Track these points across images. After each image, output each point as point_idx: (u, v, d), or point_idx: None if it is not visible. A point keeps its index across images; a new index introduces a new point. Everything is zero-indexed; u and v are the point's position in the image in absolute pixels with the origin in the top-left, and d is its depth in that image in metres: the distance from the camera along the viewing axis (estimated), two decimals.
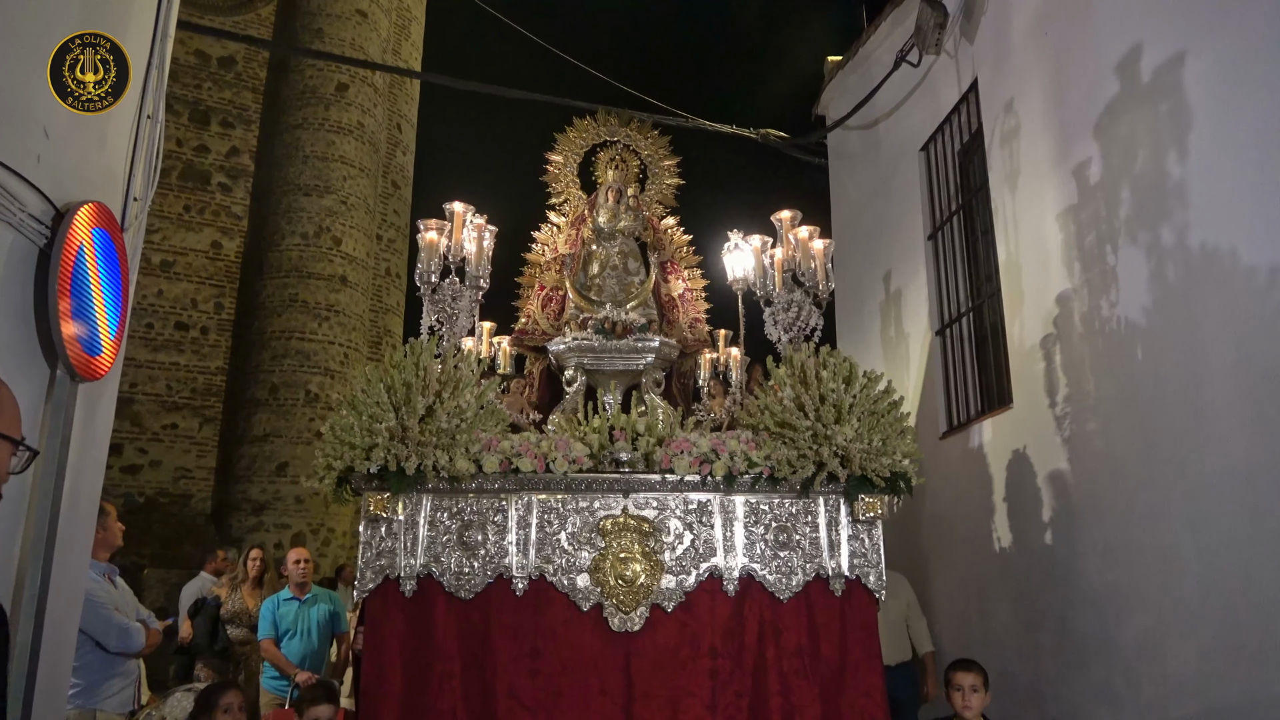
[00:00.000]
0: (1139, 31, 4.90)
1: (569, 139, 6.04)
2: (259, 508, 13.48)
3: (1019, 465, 5.94)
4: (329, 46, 14.93)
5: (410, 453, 4.05)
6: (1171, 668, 4.51)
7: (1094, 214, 5.25)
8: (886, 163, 8.39)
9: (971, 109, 6.88)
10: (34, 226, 3.05)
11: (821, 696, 4.32)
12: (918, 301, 7.63)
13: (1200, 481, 4.34)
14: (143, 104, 3.87)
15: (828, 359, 4.54)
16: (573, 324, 5.60)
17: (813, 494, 4.41)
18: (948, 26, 6.89)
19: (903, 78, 7.73)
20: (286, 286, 14.28)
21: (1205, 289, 4.35)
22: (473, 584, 4.23)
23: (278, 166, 14.79)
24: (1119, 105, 5.05)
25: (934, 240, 7.52)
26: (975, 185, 6.95)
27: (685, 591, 4.32)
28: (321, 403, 13.89)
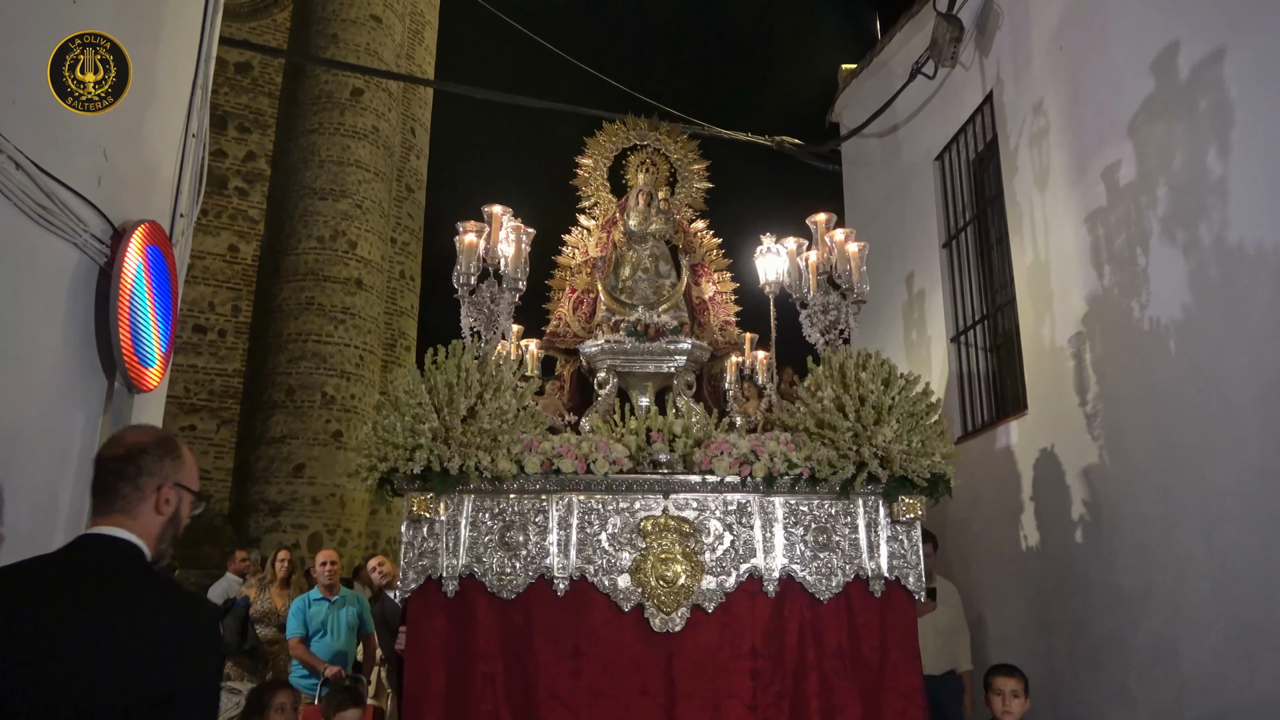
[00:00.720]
0: (1154, 42, 4.93)
1: (598, 142, 6.02)
2: (276, 509, 13.47)
3: (1034, 470, 5.99)
4: (344, 52, 14.95)
5: (453, 453, 4.03)
6: (1185, 670, 4.56)
7: (1110, 223, 5.29)
8: (901, 171, 8.44)
9: (986, 120, 6.97)
10: (95, 246, 3.17)
11: (862, 697, 4.29)
12: (932, 309, 7.70)
13: (1214, 487, 4.40)
14: (188, 123, 4.01)
15: (866, 360, 4.51)
16: (604, 326, 5.57)
17: (852, 495, 4.38)
18: (963, 40, 6.95)
19: (917, 88, 7.82)
20: (303, 290, 14.29)
21: (1217, 298, 4.42)
22: (514, 584, 4.20)
23: (293, 171, 14.81)
24: (1136, 117, 5.09)
25: (948, 248, 7.60)
26: (990, 195, 7.02)
27: (726, 592, 4.29)
28: (338, 405, 13.90)
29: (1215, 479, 4.40)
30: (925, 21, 7.39)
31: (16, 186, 2.74)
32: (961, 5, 6.98)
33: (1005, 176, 6.58)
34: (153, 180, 3.80)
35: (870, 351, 4.60)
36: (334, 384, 14.06)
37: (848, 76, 9.69)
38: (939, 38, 6.99)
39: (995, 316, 6.98)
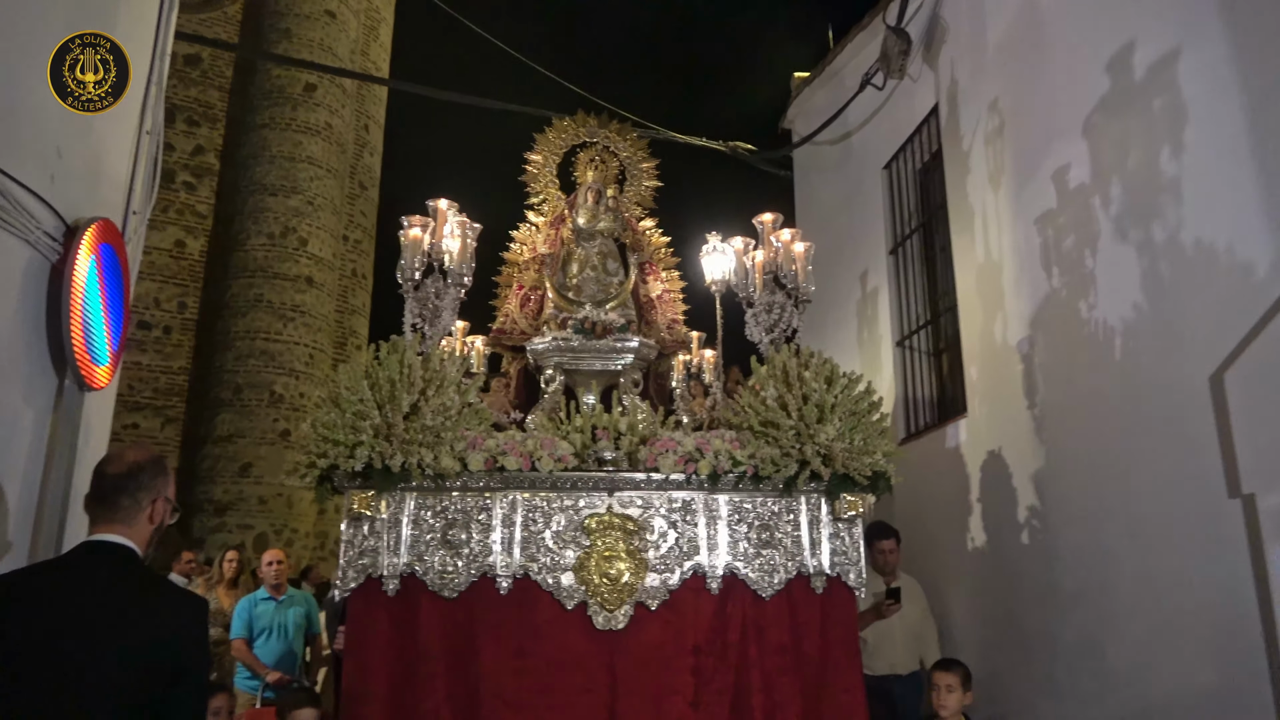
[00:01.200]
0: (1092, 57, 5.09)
1: (548, 139, 5.97)
2: (222, 509, 13.26)
3: (973, 471, 6.17)
4: (297, 46, 14.75)
5: (395, 450, 3.97)
6: (1109, 661, 4.79)
7: (1048, 234, 5.48)
8: (851, 179, 8.57)
9: (933, 131, 7.13)
10: (48, 243, 3.18)
11: (803, 693, 4.30)
12: (879, 314, 7.85)
13: (1136, 489, 4.64)
14: (142, 119, 3.99)
15: (809, 359, 4.53)
16: (552, 323, 5.54)
17: (795, 492, 4.39)
18: (911, 53, 7.10)
19: (867, 97, 7.95)
20: (252, 286, 14.09)
21: (1144, 312, 4.64)
22: (457, 583, 4.16)
23: (244, 166, 14.59)
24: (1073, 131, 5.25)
25: (895, 255, 7.76)
26: (935, 204, 7.17)
27: (669, 590, 4.28)
28: (286, 404, 13.71)
29: (1137, 481, 4.63)
30: (876, 33, 7.52)
31: None
32: (910, 19, 7.10)
33: (950, 186, 6.74)
34: (106, 177, 3.76)
35: (813, 350, 4.62)
36: (283, 382, 13.87)
37: (800, 85, 9.78)
38: (888, 50, 7.13)
39: (939, 321, 7.12)
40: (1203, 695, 4.16)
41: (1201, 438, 4.17)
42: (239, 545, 12.53)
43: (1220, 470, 4.08)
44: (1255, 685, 3.85)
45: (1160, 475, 4.47)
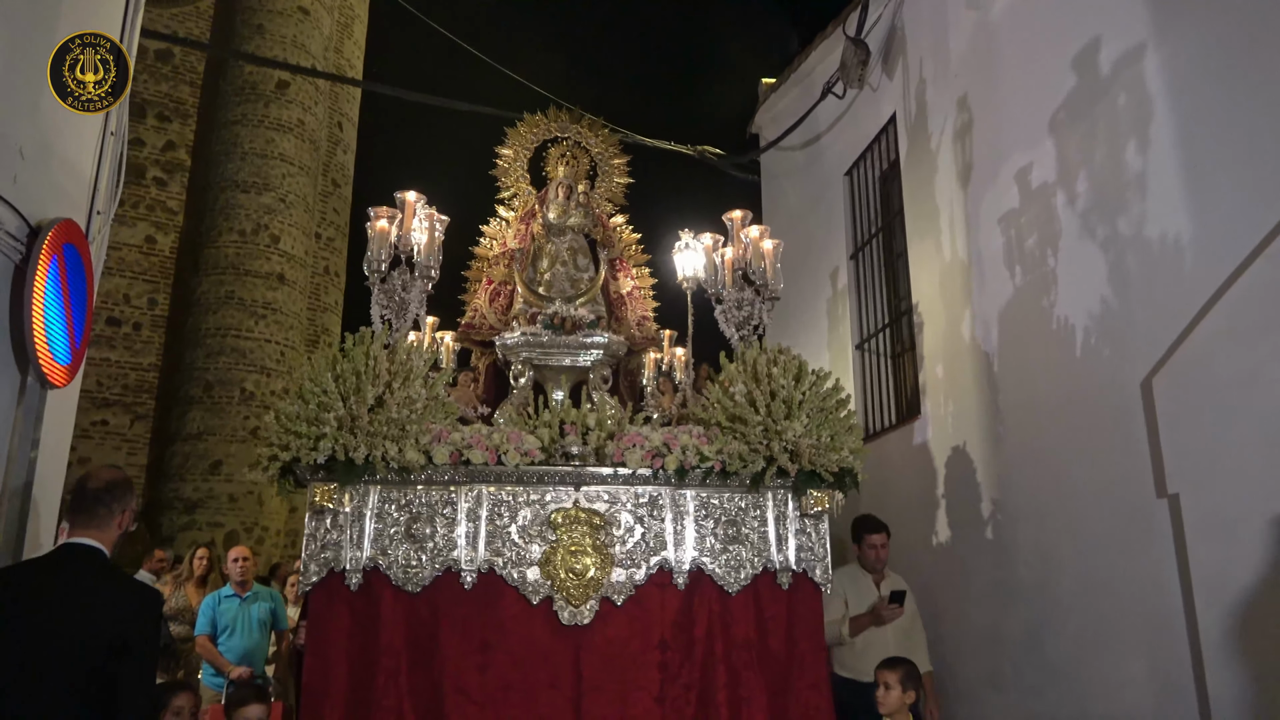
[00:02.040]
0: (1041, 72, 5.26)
1: (519, 133, 5.91)
2: (192, 506, 13.06)
3: (926, 472, 6.30)
4: (270, 43, 14.57)
5: (359, 443, 3.91)
6: (1049, 655, 4.96)
7: (997, 244, 5.63)
8: (815, 184, 8.66)
9: (891, 139, 7.25)
10: (11, 244, 3.22)
11: (769, 688, 4.28)
12: (840, 317, 7.95)
13: (1077, 488, 4.79)
14: (106, 120, 4.01)
15: (778, 356, 4.50)
16: (521, 319, 5.49)
17: (762, 488, 4.36)
18: (870, 63, 7.20)
19: (830, 104, 8.04)
20: (223, 283, 13.88)
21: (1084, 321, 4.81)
22: (420, 577, 4.10)
23: (215, 162, 14.38)
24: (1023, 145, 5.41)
25: (855, 260, 7.87)
26: (894, 210, 7.27)
27: (635, 585, 4.24)
28: (257, 401, 13.53)
29: (1078, 481, 4.78)
30: (839, 42, 7.58)
31: None
32: (869, 30, 7.24)
33: (907, 193, 6.87)
34: (70, 177, 3.78)
35: (782, 347, 4.59)
36: (254, 380, 13.67)
37: (767, 90, 9.86)
38: (847, 61, 7.23)
39: (898, 325, 7.24)
40: (1134, 685, 4.35)
41: (1135, 440, 4.35)
42: (209, 543, 12.37)
43: (1150, 471, 4.26)
44: (1180, 677, 4.04)
45: (1098, 475, 4.62)
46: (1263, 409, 3.67)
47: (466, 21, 12.97)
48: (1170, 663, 4.12)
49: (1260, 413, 3.68)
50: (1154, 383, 4.27)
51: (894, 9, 7.12)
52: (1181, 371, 4.11)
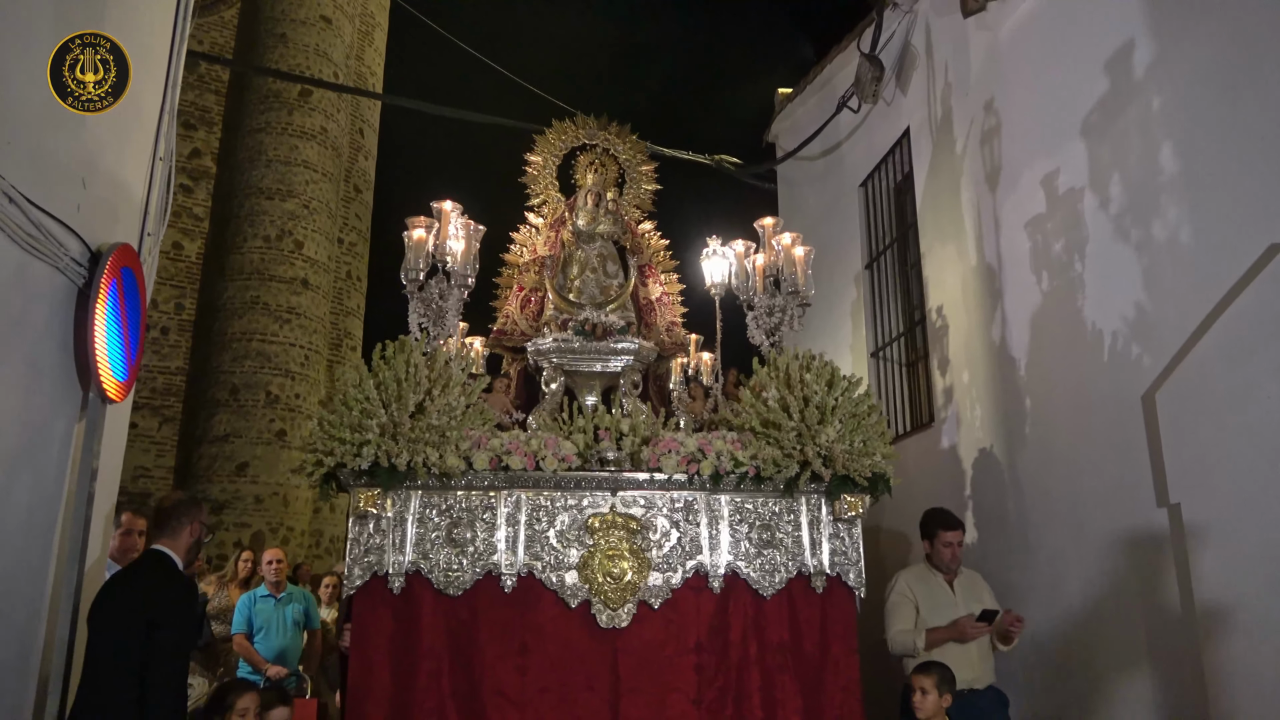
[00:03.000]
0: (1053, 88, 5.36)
1: (548, 140, 5.92)
2: (219, 507, 13.12)
3: (939, 477, 6.38)
4: (292, 52, 14.65)
5: (401, 449, 3.94)
6: (1057, 656, 5.06)
7: (1010, 259, 5.74)
8: (830, 195, 8.71)
9: (905, 152, 7.33)
10: (75, 269, 3.40)
11: (803, 691, 4.29)
12: (856, 325, 8.03)
13: (1082, 496, 4.93)
14: (156, 147, 4.22)
15: (810, 362, 4.51)
16: (552, 325, 5.49)
17: (796, 493, 4.37)
18: (884, 79, 7.27)
19: (846, 116, 8.12)
20: (248, 288, 13.96)
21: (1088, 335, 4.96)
22: (461, 581, 4.12)
23: (240, 169, 14.46)
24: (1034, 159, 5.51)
25: (870, 270, 7.95)
26: (909, 221, 7.34)
27: (672, 589, 4.26)
28: (282, 404, 13.61)
29: (1084, 488, 4.92)
30: (854, 55, 7.66)
31: (10, 220, 2.97)
32: (883, 47, 7.30)
33: (920, 206, 6.96)
34: (124, 201, 3.95)
35: (814, 353, 4.60)
36: (278, 383, 13.75)
37: (783, 100, 9.86)
38: (862, 76, 7.32)
39: (912, 334, 7.33)
40: (1138, 686, 4.46)
41: (1137, 450, 4.51)
42: (234, 543, 12.47)
43: (1150, 481, 4.43)
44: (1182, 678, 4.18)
45: (1103, 484, 4.77)
46: (1256, 423, 3.82)
47: (485, 32, 13.01)
48: (1172, 664, 4.24)
49: (1254, 426, 3.83)
50: (1156, 397, 4.43)
51: (907, 26, 7.23)
52: (1182, 386, 4.28)
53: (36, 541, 3.41)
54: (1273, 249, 3.81)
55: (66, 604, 3.48)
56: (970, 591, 4.82)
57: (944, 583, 4.81)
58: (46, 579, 3.47)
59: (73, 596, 3.51)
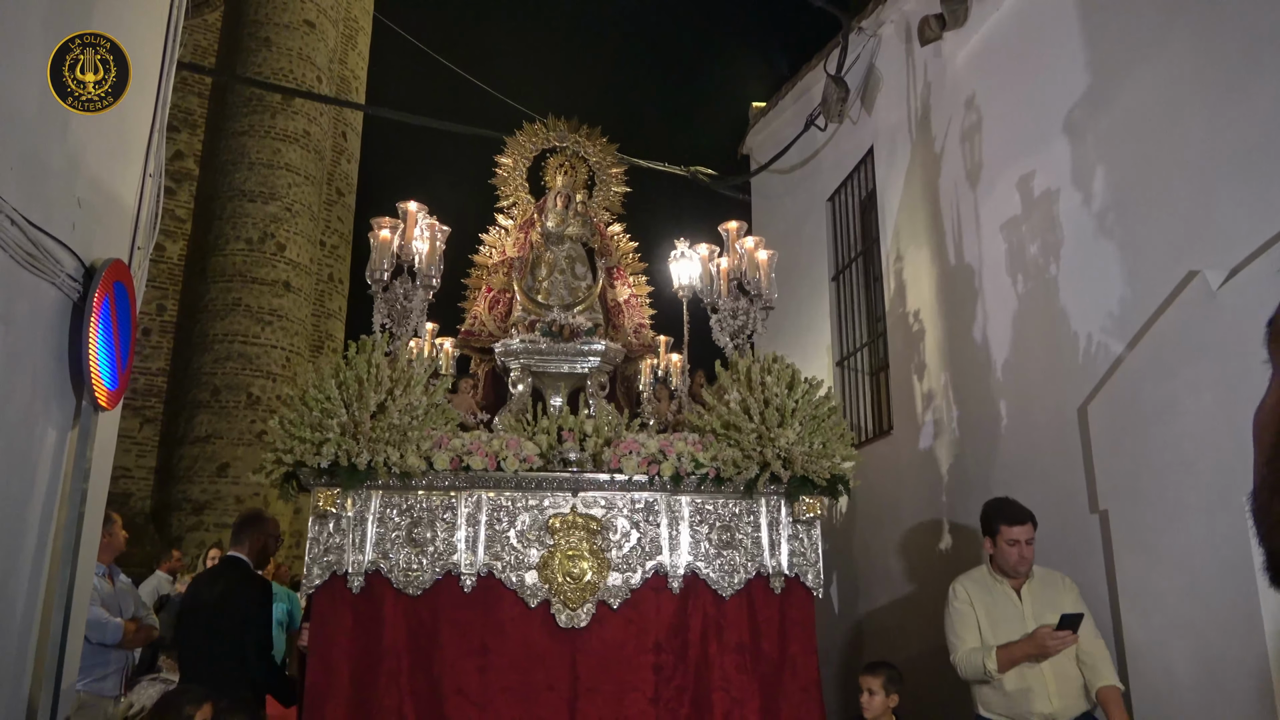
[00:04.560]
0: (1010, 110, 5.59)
1: (518, 142, 5.87)
2: (199, 507, 13.05)
3: (897, 483, 6.55)
4: (276, 55, 14.59)
5: (362, 448, 3.89)
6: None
7: (964, 270, 5.94)
8: (800, 208, 8.85)
9: (869, 170, 7.52)
10: (70, 284, 3.52)
11: (761, 691, 4.25)
12: (822, 335, 8.18)
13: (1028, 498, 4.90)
14: (146, 163, 4.31)
15: (771, 364, 4.48)
16: (520, 326, 5.45)
17: (756, 495, 4.34)
18: (849, 99, 7.46)
19: (814, 133, 8.28)
20: (230, 290, 13.90)
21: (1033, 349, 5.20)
22: (421, 580, 4.07)
23: (222, 172, 14.39)
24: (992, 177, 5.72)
25: (836, 282, 8.14)
26: (872, 236, 7.52)
27: (631, 589, 4.22)
28: (263, 405, 13.54)
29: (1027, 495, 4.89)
30: (823, 74, 7.82)
31: (11, 239, 3.08)
32: (849, 69, 7.46)
33: (881, 224, 7.18)
34: (115, 217, 4.07)
35: (776, 356, 4.58)
36: (260, 385, 13.69)
37: (757, 114, 9.97)
38: (828, 96, 7.51)
39: (875, 344, 7.48)
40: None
41: (1073, 460, 4.72)
42: (215, 543, 12.36)
43: (1084, 489, 4.63)
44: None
45: (1045, 490, 4.85)
46: (1176, 436, 3.99)
47: (464, 43, 12.96)
48: None
49: (1174, 439, 4.00)
50: (1089, 409, 4.61)
51: (871, 50, 7.42)
52: (1112, 399, 4.46)
53: (32, 541, 3.47)
54: (1190, 275, 4.02)
55: (60, 600, 3.52)
56: (1043, 598, 3.96)
57: (1009, 590, 4.01)
58: (41, 577, 3.53)
59: (66, 594, 3.55)
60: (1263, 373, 1.01)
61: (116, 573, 5.23)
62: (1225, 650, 3.52)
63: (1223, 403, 3.75)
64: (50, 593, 3.54)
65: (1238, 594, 3.64)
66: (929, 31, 6.24)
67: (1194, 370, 3.93)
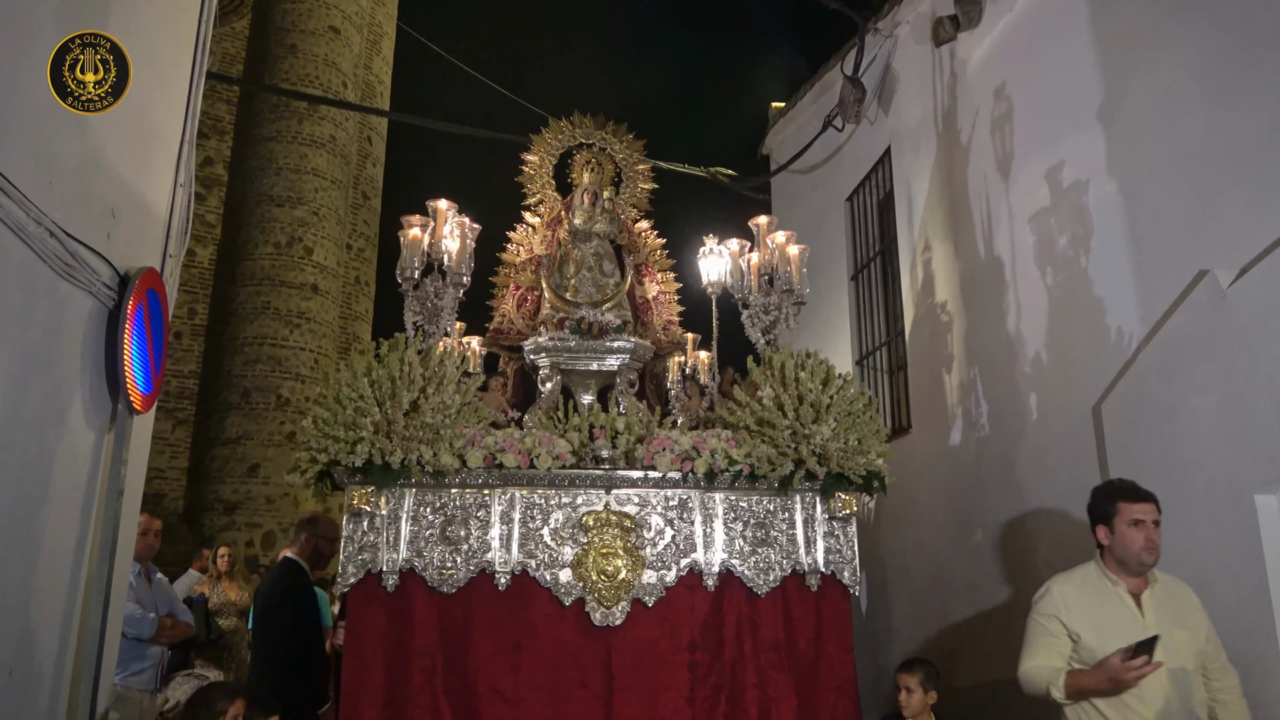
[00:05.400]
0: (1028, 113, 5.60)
1: (545, 140, 5.78)
2: (231, 507, 13.08)
3: (914, 482, 6.53)
4: (302, 62, 14.60)
5: (395, 447, 3.82)
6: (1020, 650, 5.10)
7: (981, 270, 5.96)
8: (818, 208, 8.85)
9: (887, 170, 7.51)
10: (106, 293, 3.60)
11: (797, 689, 4.16)
12: (841, 335, 8.20)
13: (1044, 497, 5.13)
14: (177, 174, 4.39)
15: (805, 360, 4.39)
16: (549, 324, 5.38)
17: (791, 491, 4.24)
18: (866, 100, 7.40)
19: (832, 134, 8.25)
20: (259, 294, 13.92)
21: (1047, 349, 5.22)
22: (455, 579, 4.01)
23: (251, 177, 14.40)
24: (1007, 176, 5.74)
25: (856, 281, 8.18)
26: (891, 236, 7.50)
27: (666, 586, 4.13)
28: (293, 407, 13.56)
29: (1042, 493, 5.14)
30: (838, 76, 7.77)
31: (51, 252, 3.19)
32: (865, 70, 7.41)
33: (899, 223, 7.16)
34: (148, 226, 4.15)
35: (809, 352, 4.48)
36: (289, 386, 13.70)
37: (776, 114, 9.92)
38: (845, 98, 7.45)
39: (893, 343, 7.50)
40: None
41: (1086, 458, 4.74)
42: (246, 543, 12.42)
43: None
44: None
45: (1058, 488, 4.93)
46: (1184, 434, 4.04)
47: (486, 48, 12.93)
48: None
49: (1182, 438, 4.05)
50: (1103, 408, 4.65)
51: (888, 51, 7.40)
52: (1125, 398, 4.50)
53: (71, 540, 3.54)
54: (1200, 275, 4.01)
55: (98, 597, 3.58)
56: (1169, 610, 3.20)
57: (1126, 595, 3.23)
58: (80, 574, 3.59)
59: (104, 590, 3.59)
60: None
61: (153, 571, 5.30)
62: (1236, 647, 3.47)
63: (1232, 400, 3.76)
64: (89, 590, 3.59)
65: (1248, 590, 3.65)
66: (943, 33, 6.24)
67: (1203, 368, 3.94)
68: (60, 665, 3.49)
